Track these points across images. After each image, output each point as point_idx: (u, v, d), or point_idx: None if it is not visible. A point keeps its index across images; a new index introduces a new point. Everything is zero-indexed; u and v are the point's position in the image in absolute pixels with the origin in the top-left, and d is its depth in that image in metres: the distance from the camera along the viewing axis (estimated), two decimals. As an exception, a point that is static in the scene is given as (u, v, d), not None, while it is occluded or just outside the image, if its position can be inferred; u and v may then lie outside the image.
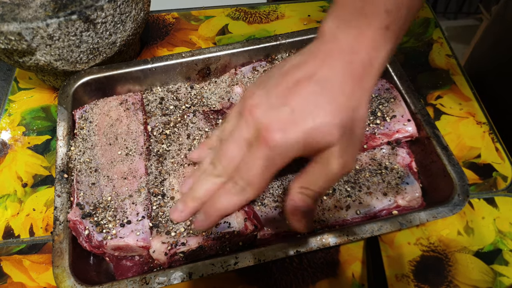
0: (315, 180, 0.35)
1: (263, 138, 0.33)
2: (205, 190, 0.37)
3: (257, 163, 0.34)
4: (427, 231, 0.48)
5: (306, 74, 0.34)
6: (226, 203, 0.36)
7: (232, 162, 0.36)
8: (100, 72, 0.54)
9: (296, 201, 0.35)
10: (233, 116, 0.37)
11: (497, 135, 0.56)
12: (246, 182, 0.35)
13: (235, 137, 0.35)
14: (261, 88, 0.35)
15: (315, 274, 0.46)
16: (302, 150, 0.33)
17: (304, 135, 0.32)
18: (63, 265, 0.40)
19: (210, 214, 0.37)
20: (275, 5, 0.73)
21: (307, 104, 0.33)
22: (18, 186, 0.53)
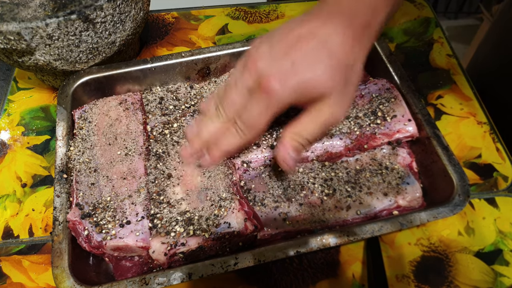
0: (306, 127, 0.39)
1: (264, 86, 0.37)
2: (209, 132, 0.42)
3: (257, 108, 0.38)
4: (427, 231, 0.48)
5: (308, 31, 0.37)
6: (227, 144, 0.41)
7: (233, 107, 0.40)
8: (99, 72, 0.54)
9: (287, 146, 0.39)
10: (238, 68, 0.41)
11: (497, 135, 0.55)
12: (246, 125, 0.39)
13: (238, 85, 0.39)
14: (266, 43, 0.39)
15: (315, 275, 0.45)
16: (298, 98, 0.37)
17: (301, 85, 0.37)
18: (62, 266, 0.40)
19: (214, 154, 0.42)
20: (275, 4, 0.73)
21: (307, 58, 0.37)
22: (17, 186, 0.53)
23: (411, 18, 0.70)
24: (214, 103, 0.42)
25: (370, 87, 0.53)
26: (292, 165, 0.40)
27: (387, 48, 0.55)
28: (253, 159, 0.49)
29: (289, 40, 0.38)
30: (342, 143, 0.49)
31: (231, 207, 0.43)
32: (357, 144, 0.48)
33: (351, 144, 0.49)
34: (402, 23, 0.69)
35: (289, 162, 0.40)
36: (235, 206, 0.43)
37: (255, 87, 0.38)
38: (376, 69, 0.56)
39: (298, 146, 0.39)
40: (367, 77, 0.57)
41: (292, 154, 0.39)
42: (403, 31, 0.68)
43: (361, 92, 0.53)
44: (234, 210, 0.43)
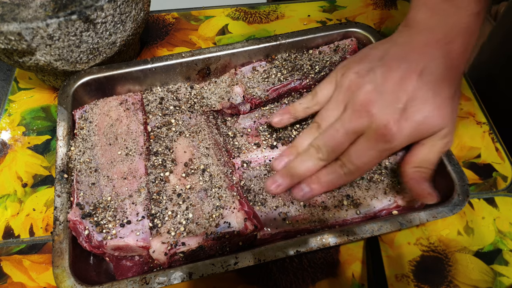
0: (425, 159, 0.40)
1: (381, 134, 0.38)
2: (306, 169, 0.42)
3: (371, 153, 0.39)
4: (427, 231, 0.48)
5: (409, 69, 0.38)
6: (330, 180, 0.42)
7: (339, 148, 0.41)
8: (100, 72, 0.54)
9: (416, 178, 0.40)
10: (337, 105, 0.42)
11: (497, 135, 0.56)
12: (355, 167, 0.40)
13: (345, 127, 0.40)
14: (367, 81, 0.39)
15: (315, 274, 0.46)
16: (412, 140, 0.39)
17: (415, 129, 0.38)
18: (63, 265, 0.40)
19: (314, 188, 0.42)
20: (275, 5, 0.73)
21: (416, 99, 0.37)
22: (18, 186, 0.53)
23: (411, 18, 0.70)
24: (308, 141, 0.43)
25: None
26: (434, 194, 0.40)
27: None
28: (253, 159, 0.49)
29: (394, 79, 0.38)
30: (342, 143, 0.49)
31: (231, 207, 0.43)
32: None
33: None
34: (401, 24, 0.70)
35: (430, 192, 0.40)
36: (235, 206, 0.43)
37: (369, 133, 0.39)
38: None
39: (423, 175, 0.40)
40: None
41: (426, 185, 0.40)
42: (402, 31, 0.68)
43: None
44: (234, 210, 0.43)
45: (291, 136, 0.50)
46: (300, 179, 0.42)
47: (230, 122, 0.54)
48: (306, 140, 0.44)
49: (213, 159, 0.48)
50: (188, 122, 0.52)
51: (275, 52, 0.58)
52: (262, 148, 0.49)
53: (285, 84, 0.55)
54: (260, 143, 0.50)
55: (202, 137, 0.50)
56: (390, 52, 0.40)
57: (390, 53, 0.40)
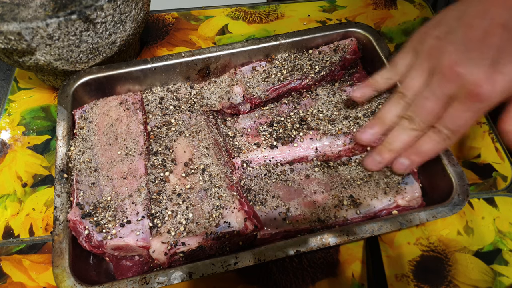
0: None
1: (474, 93, 0.37)
2: (402, 142, 0.43)
3: (466, 115, 0.38)
4: (426, 231, 0.48)
5: (492, 23, 0.37)
6: (429, 149, 0.42)
7: (431, 116, 0.40)
8: (100, 72, 0.54)
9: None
10: (421, 72, 0.41)
11: (497, 135, 0.56)
12: (452, 131, 0.40)
13: (434, 93, 0.39)
14: (449, 43, 0.38)
15: (315, 274, 0.46)
16: (507, 95, 0.37)
17: (508, 81, 0.36)
18: (63, 265, 0.40)
19: (413, 159, 0.43)
20: (275, 5, 0.73)
21: (504, 52, 0.36)
22: (18, 186, 0.53)
23: (411, 18, 0.70)
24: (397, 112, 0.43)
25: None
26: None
27: (386, 48, 0.55)
28: (253, 159, 0.49)
29: (477, 36, 0.37)
30: (342, 143, 0.49)
31: (231, 207, 0.43)
32: (357, 144, 0.49)
33: (350, 144, 0.49)
34: (401, 23, 0.70)
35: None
36: (235, 206, 0.43)
37: (461, 94, 0.38)
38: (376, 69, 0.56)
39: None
40: (366, 77, 0.57)
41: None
42: (402, 31, 0.69)
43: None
44: (234, 210, 0.43)
45: (291, 136, 0.50)
46: (398, 153, 0.43)
47: (230, 122, 0.54)
48: (390, 111, 0.44)
49: (213, 159, 0.48)
50: (188, 122, 0.52)
51: (275, 52, 0.58)
52: (262, 148, 0.49)
53: (285, 84, 0.55)
54: (260, 143, 0.50)
55: (202, 137, 0.50)
56: (467, 11, 0.39)
57: (468, 11, 0.39)
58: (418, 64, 0.42)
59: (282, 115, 0.53)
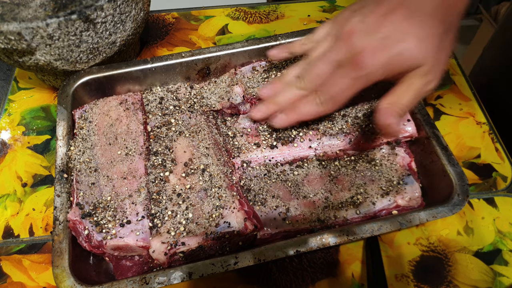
0: (402, 96, 0.39)
1: (355, 60, 0.38)
2: (287, 98, 0.45)
3: (344, 81, 0.40)
4: (426, 231, 0.48)
5: (399, 2, 0.38)
6: (306, 110, 0.44)
7: (318, 78, 0.42)
8: (99, 72, 0.54)
9: (387, 113, 0.39)
10: (328, 38, 0.42)
11: (497, 135, 0.56)
12: (329, 97, 0.42)
13: (327, 57, 0.41)
14: (357, 15, 0.40)
15: (315, 274, 0.46)
16: (388, 72, 0.39)
17: (390, 59, 0.37)
18: (62, 265, 0.40)
19: (290, 116, 0.45)
20: (275, 5, 0.73)
21: (397, 31, 0.37)
22: (18, 186, 0.53)
23: (411, 18, 0.70)
24: (296, 73, 0.44)
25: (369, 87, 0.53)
26: (395, 128, 0.40)
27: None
28: (253, 159, 0.49)
29: (381, 12, 0.38)
30: (342, 143, 0.49)
31: (231, 207, 0.43)
32: (356, 144, 0.49)
33: (350, 144, 0.49)
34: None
35: (392, 126, 0.39)
36: (235, 206, 0.43)
37: (345, 60, 0.39)
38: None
39: (395, 113, 0.39)
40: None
41: (393, 119, 0.39)
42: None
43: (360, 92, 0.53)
44: (234, 210, 0.43)
45: (291, 136, 0.50)
46: (280, 107, 0.45)
47: (230, 122, 0.54)
48: (293, 72, 0.45)
49: (213, 159, 0.48)
50: (188, 122, 0.52)
51: (275, 52, 0.58)
52: (262, 148, 0.49)
53: (285, 84, 0.55)
54: (260, 143, 0.50)
55: (202, 137, 0.50)
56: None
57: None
58: (329, 32, 0.44)
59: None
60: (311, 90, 0.43)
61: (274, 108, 0.46)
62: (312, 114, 0.44)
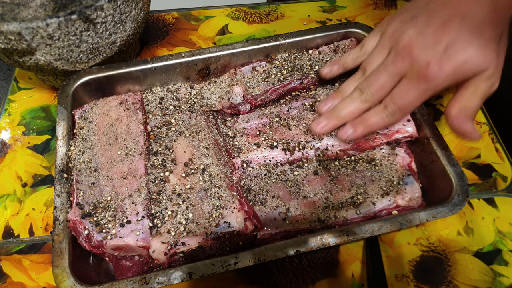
0: (469, 100, 0.41)
1: (422, 73, 0.40)
2: (350, 112, 0.45)
3: (413, 93, 0.41)
4: (426, 231, 0.48)
5: (452, 13, 0.39)
6: (374, 122, 0.44)
7: (382, 90, 0.43)
8: (100, 72, 0.54)
9: (460, 117, 0.41)
10: (382, 50, 0.44)
11: (497, 135, 0.56)
12: (398, 108, 0.43)
13: (389, 70, 0.42)
14: (411, 27, 0.41)
15: (315, 274, 0.46)
16: (453, 80, 0.40)
17: (457, 68, 0.39)
18: (62, 265, 0.40)
19: (358, 128, 0.45)
20: (275, 5, 0.73)
21: (457, 40, 0.39)
22: (18, 186, 0.53)
23: (411, 18, 0.70)
24: (354, 86, 0.46)
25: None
26: (472, 131, 0.41)
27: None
28: (253, 159, 0.49)
29: (437, 22, 0.40)
30: (342, 143, 0.49)
31: (231, 207, 0.43)
32: (356, 144, 0.49)
33: (350, 144, 0.49)
34: (401, 24, 0.70)
35: (472, 131, 0.41)
36: (235, 206, 0.43)
37: (409, 73, 0.41)
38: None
39: (468, 117, 0.41)
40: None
41: (469, 124, 0.41)
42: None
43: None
44: (234, 210, 0.43)
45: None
46: (344, 121, 0.46)
47: (230, 122, 0.54)
48: (351, 85, 0.47)
49: (213, 159, 0.48)
50: (188, 122, 0.52)
51: (275, 52, 0.58)
52: (262, 148, 0.49)
53: (285, 84, 0.55)
54: (260, 143, 0.50)
55: (202, 137, 0.50)
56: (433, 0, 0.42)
57: (434, 0, 0.42)
58: (381, 43, 0.45)
59: (282, 115, 0.53)
60: (374, 102, 0.44)
61: (336, 123, 0.47)
62: (381, 125, 0.45)
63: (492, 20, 0.39)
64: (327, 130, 0.47)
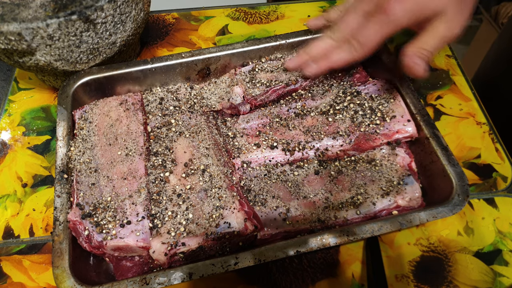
0: (427, 41, 0.43)
1: (384, 7, 0.42)
2: (319, 48, 0.49)
3: (374, 27, 0.44)
4: (427, 231, 0.48)
5: None
6: (337, 57, 0.48)
7: (349, 28, 0.46)
8: (100, 72, 0.54)
9: (412, 56, 0.43)
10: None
11: (497, 136, 0.56)
12: (360, 43, 0.45)
13: (357, 8, 0.45)
14: None
15: (315, 274, 0.46)
16: (414, 18, 0.42)
17: (415, 5, 0.41)
18: (63, 266, 0.40)
19: (321, 64, 0.49)
20: (275, 5, 0.73)
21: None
22: (18, 186, 0.53)
23: (411, 19, 0.70)
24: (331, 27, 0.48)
25: (370, 87, 0.53)
26: (420, 70, 0.43)
27: (386, 48, 0.55)
28: (253, 159, 0.49)
29: None
30: (342, 144, 0.49)
31: (231, 207, 0.43)
32: (357, 145, 0.49)
33: (350, 145, 0.49)
34: (401, 24, 0.70)
35: (417, 67, 0.43)
36: (235, 206, 0.43)
37: (374, 10, 0.43)
38: (376, 69, 0.56)
39: (421, 56, 0.43)
40: (366, 77, 0.57)
41: (418, 61, 0.43)
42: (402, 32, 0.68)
43: (361, 92, 0.53)
44: (234, 210, 0.43)
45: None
46: (312, 57, 0.49)
47: (230, 123, 0.54)
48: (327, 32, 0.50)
49: (213, 159, 0.48)
50: (188, 123, 0.52)
51: (275, 52, 0.58)
52: (262, 148, 0.49)
53: (285, 85, 0.55)
54: (260, 143, 0.50)
55: (202, 137, 0.50)
56: None
57: None
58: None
59: (282, 116, 0.53)
60: (343, 39, 0.47)
61: (306, 58, 0.50)
62: (344, 60, 0.47)
63: None
64: (295, 64, 0.51)
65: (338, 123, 0.50)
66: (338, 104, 0.52)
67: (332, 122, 0.51)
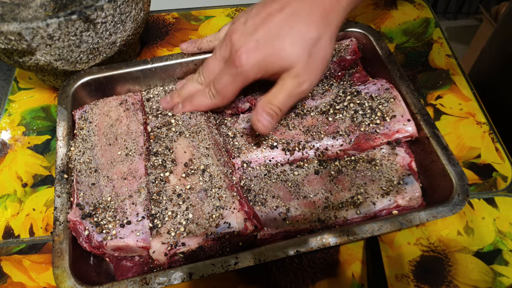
0: (275, 96, 0.43)
1: (232, 58, 0.42)
2: (188, 91, 0.50)
3: (226, 77, 0.44)
4: (427, 231, 0.48)
5: (278, 7, 0.41)
6: (199, 102, 0.49)
7: (211, 73, 0.47)
8: (100, 72, 0.54)
9: (260, 111, 0.43)
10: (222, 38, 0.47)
11: (497, 135, 0.56)
12: (216, 91, 0.46)
13: (216, 53, 0.46)
14: (243, 16, 0.44)
15: (315, 274, 0.46)
16: (262, 72, 0.42)
17: (264, 59, 0.41)
18: (63, 266, 0.40)
19: (185, 105, 0.50)
20: (275, 5, 0.73)
21: (271, 34, 0.41)
22: (18, 186, 0.53)
23: (411, 18, 0.70)
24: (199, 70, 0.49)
25: (370, 87, 0.53)
26: (266, 124, 0.43)
27: (386, 48, 0.55)
28: (253, 159, 0.49)
29: (262, 15, 0.42)
30: (342, 143, 0.49)
31: (231, 207, 0.43)
32: (357, 144, 0.49)
33: (350, 144, 0.49)
34: (401, 24, 0.70)
35: (263, 121, 0.43)
36: (235, 206, 0.43)
37: (227, 58, 0.43)
38: (376, 69, 0.56)
39: (269, 111, 0.43)
40: (366, 77, 0.57)
41: (266, 116, 0.43)
42: (402, 31, 0.69)
43: (361, 92, 0.53)
44: (234, 210, 0.43)
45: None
46: (184, 98, 0.51)
47: (230, 122, 0.54)
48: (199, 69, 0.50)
49: (213, 159, 0.48)
50: (188, 122, 0.52)
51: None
52: (262, 148, 0.49)
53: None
54: (260, 143, 0.50)
55: (202, 137, 0.50)
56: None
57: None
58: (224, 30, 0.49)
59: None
60: (206, 84, 0.48)
61: (178, 99, 0.51)
62: (204, 105, 0.49)
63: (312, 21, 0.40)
64: (170, 105, 0.52)
65: (338, 123, 0.50)
66: (338, 104, 0.52)
67: (332, 122, 0.51)
